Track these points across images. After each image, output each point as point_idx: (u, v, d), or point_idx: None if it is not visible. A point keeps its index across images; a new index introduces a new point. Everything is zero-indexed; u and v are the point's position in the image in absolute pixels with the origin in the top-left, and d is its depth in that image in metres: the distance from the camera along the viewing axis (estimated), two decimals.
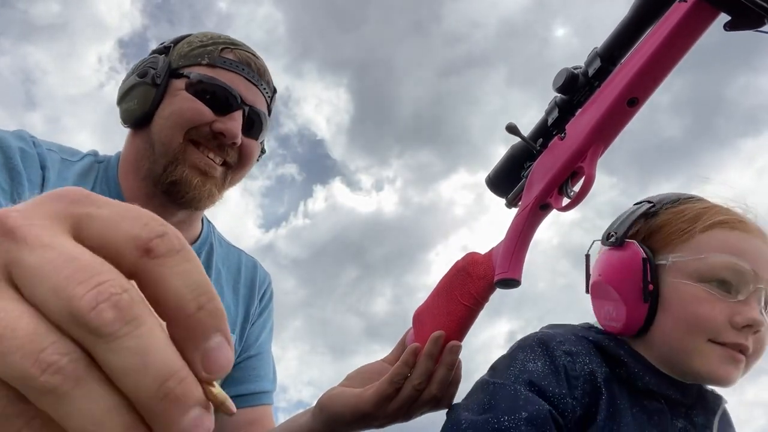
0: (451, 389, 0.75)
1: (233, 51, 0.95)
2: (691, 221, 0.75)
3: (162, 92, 0.92)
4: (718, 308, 0.71)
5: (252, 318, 1.05)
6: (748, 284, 0.71)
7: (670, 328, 0.73)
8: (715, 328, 0.71)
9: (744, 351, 0.71)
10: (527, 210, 0.69)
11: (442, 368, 0.72)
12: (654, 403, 0.73)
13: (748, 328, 0.70)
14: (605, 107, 0.58)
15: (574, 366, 0.72)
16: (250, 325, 1.04)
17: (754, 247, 0.73)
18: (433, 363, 0.72)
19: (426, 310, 0.79)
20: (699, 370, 0.72)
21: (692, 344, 0.72)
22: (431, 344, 0.72)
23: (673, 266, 0.74)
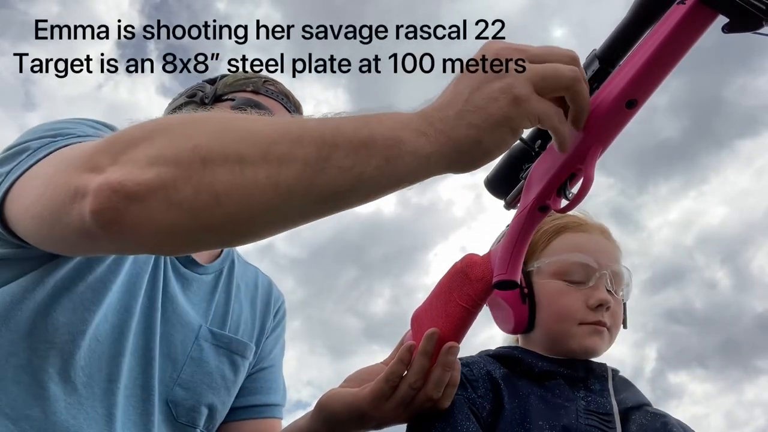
0: (448, 390, 0.75)
1: (275, 85, 1.06)
2: (544, 233, 0.95)
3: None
4: (575, 296, 0.89)
5: (266, 332, 1.06)
6: (594, 273, 0.90)
7: (546, 320, 0.91)
8: (576, 311, 0.89)
9: (604, 325, 0.90)
10: (525, 212, 0.69)
11: (438, 369, 0.73)
12: (552, 382, 0.88)
13: (601, 307, 0.89)
14: (604, 109, 0.58)
15: (471, 372, 0.86)
16: (265, 338, 1.06)
17: (594, 242, 0.93)
18: (429, 361, 0.72)
19: (424, 311, 0.79)
20: (574, 348, 0.89)
21: (565, 329, 0.90)
22: (425, 341, 0.72)
23: (538, 271, 0.92)
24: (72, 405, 0.74)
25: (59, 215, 0.54)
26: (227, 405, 0.95)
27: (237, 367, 0.95)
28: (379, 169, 0.50)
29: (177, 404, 0.86)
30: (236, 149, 0.48)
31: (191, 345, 0.89)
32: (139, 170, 0.48)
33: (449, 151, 0.51)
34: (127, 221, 0.48)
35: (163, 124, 0.52)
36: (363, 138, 0.49)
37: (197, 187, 0.47)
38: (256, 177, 0.48)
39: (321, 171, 0.48)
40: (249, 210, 0.49)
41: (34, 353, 0.72)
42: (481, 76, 0.52)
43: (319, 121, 0.51)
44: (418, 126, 0.51)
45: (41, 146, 0.66)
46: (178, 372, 0.86)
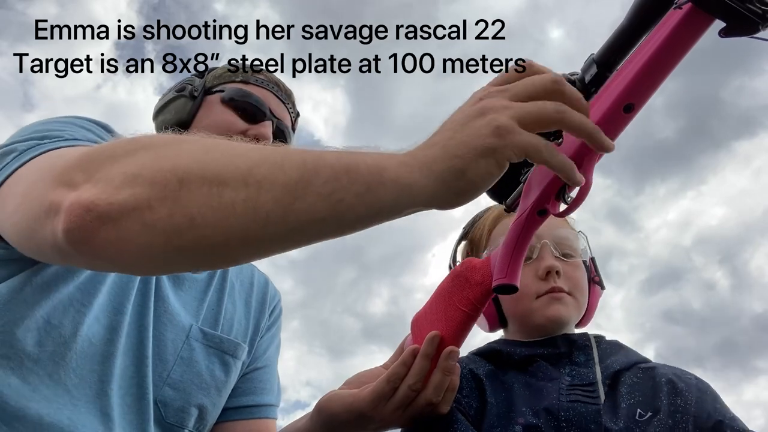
0: (447, 395, 0.75)
1: (264, 73, 1.05)
2: (481, 228, 1.01)
3: (198, 105, 1.01)
4: (525, 273, 0.88)
5: (261, 331, 1.06)
6: (535, 246, 0.93)
7: (506, 305, 0.96)
8: (528, 286, 0.91)
9: (560, 290, 0.91)
10: (524, 216, 0.69)
11: (438, 373, 0.73)
12: (534, 365, 0.89)
13: (549, 275, 0.91)
14: (602, 113, 0.59)
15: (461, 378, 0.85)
16: (259, 338, 1.05)
17: None
18: (429, 363, 0.73)
19: (424, 315, 0.80)
20: (541, 322, 0.91)
21: (524, 306, 0.93)
22: (427, 344, 0.73)
23: None
24: (65, 406, 0.74)
25: (35, 228, 0.54)
26: (218, 406, 0.95)
27: (228, 368, 0.94)
28: (360, 197, 0.48)
29: (166, 404, 0.86)
30: (216, 171, 0.47)
31: (181, 345, 0.88)
32: (113, 189, 0.47)
33: (432, 183, 0.50)
34: (98, 241, 0.48)
35: (144, 142, 0.51)
36: (345, 164, 0.49)
37: (172, 209, 0.47)
38: (233, 200, 0.47)
39: (300, 197, 0.47)
40: (224, 234, 0.48)
41: (26, 355, 0.72)
42: (465, 116, 0.52)
43: (304, 149, 0.51)
44: (403, 158, 0.51)
45: (28, 149, 0.66)
46: (167, 372, 0.86)
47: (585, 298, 0.97)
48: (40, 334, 0.73)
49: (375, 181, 0.48)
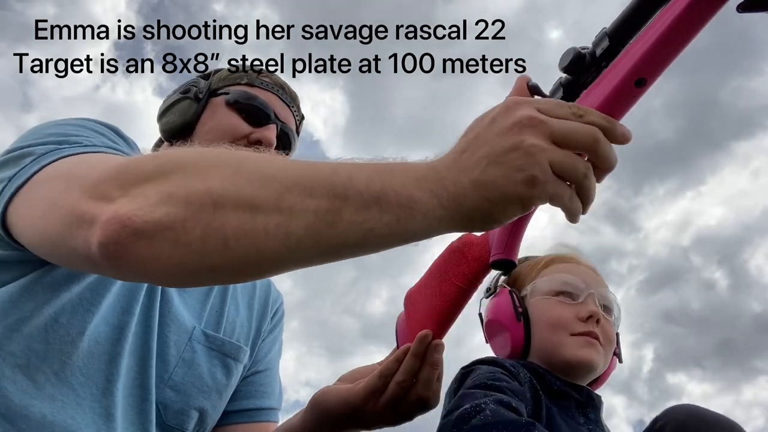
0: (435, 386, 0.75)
1: (269, 76, 1.05)
2: (535, 264, 1.06)
3: (203, 106, 1.00)
4: (567, 310, 0.98)
5: (263, 334, 1.05)
6: (583, 291, 0.99)
7: (540, 335, 0.98)
8: (568, 322, 0.96)
9: (597, 338, 0.96)
10: None
11: (426, 367, 0.73)
12: (565, 401, 0.94)
13: (591, 319, 0.96)
14: (612, 87, 0.57)
15: (519, 375, 0.91)
16: (261, 341, 1.05)
17: (581, 270, 1.04)
18: (418, 362, 0.73)
19: (418, 290, 0.79)
20: (569, 359, 0.95)
21: (558, 339, 0.97)
22: (417, 344, 0.72)
23: (532, 292, 1.02)
24: (69, 405, 0.73)
25: (64, 238, 0.54)
26: (219, 409, 0.94)
27: (230, 371, 0.94)
28: (389, 227, 0.49)
29: (166, 406, 0.85)
30: (249, 195, 0.48)
31: (184, 346, 0.88)
32: (150, 207, 0.48)
33: (459, 217, 0.51)
34: (132, 256, 0.49)
35: (175, 159, 0.52)
36: (375, 193, 0.49)
37: (206, 230, 0.48)
38: (266, 225, 0.48)
39: (331, 224, 0.48)
40: (257, 256, 0.49)
41: (33, 353, 0.72)
42: (501, 144, 0.50)
43: (332, 170, 0.50)
44: (432, 186, 0.50)
45: (46, 152, 0.66)
46: (169, 373, 0.86)
47: (611, 355, 1.02)
48: (48, 332, 0.73)
49: (405, 214, 0.49)
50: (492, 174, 0.49)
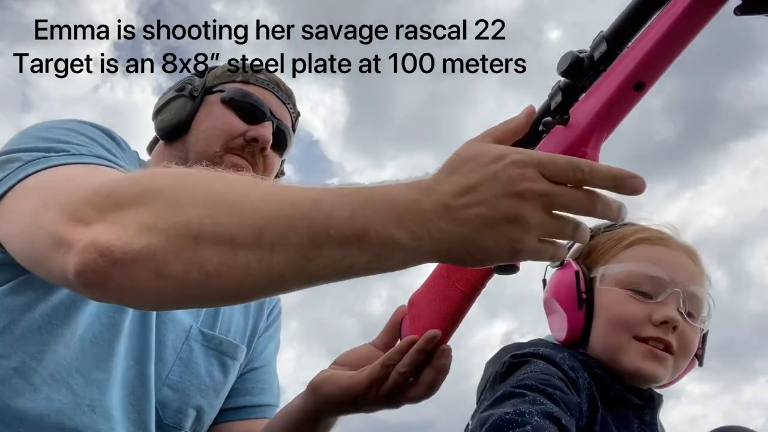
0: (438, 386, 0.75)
1: (264, 73, 1.04)
2: (618, 240, 0.87)
3: (198, 104, 0.99)
4: (638, 308, 0.81)
5: (259, 332, 1.05)
6: (665, 288, 0.81)
7: (600, 330, 0.83)
8: (635, 324, 0.80)
9: (668, 348, 0.80)
10: None
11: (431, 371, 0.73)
12: (621, 408, 0.81)
13: (666, 325, 0.79)
14: (611, 91, 0.57)
15: (577, 380, 0.78)
16: (257, 338, 1.04)
17: (672, 258, 0.84)
18: (422, 358, 0.72)
19: (422, 295, 0.78)
20: (627, 367, 0.80)
21: (618, 341, 0.81)
22: (425, 342, 0.72)
23: (602, 277, 0.84)
24: (67, 406, 0.73)
25: (43, 258, 0.55)
26: (216, 407, 0.94)
27: (227, 369, 0.94)
28: (369, 263, 0.51)
29: (164, 405, 0.85)
30: (229, 230, 0.48)
31: (181, 345, 0.88)
32: (129, 237, 0.48)
33: (438, 258, 0.53)
34: (111, 284, 0.49)
35: (155, 186, 0.51)
36: (356, 231, 0.49)
37: (188, 265, 0.48)
38: (248, 261, 0.48)
39: (312, 260, 0.49)
40: (239, 289, 0.50)
41: (27, 355, 0.72)
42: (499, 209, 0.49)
43: (313, 202, 0.50)
44: (414, 228, 0.50)
45: (33, 160, 0.65)
46: (166, 372, 0.86)
47: (684, 366, 0.86)
48: (42, 334, 0.72)
49: (385, 252, 0.50)
50: (482, 237, 0.50)
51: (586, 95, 0.62)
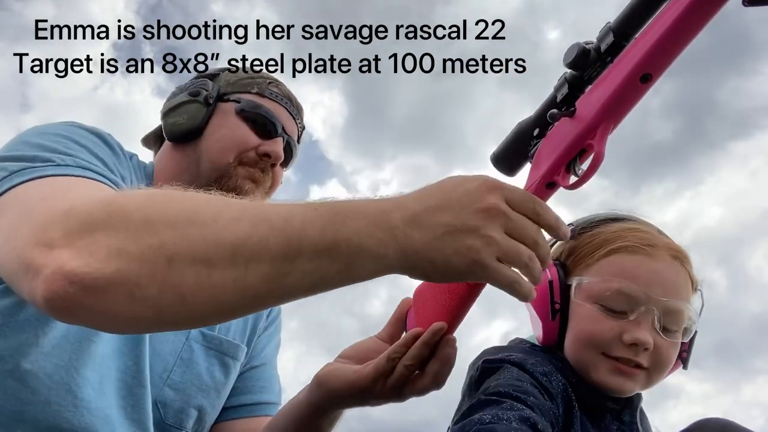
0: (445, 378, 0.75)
1: (278, 86, 1.05)
2: (597, 246, 0.83)
3: (211, 112, 0.99)
4: (609, 326, 0.78)
5: (258, 332, 1.05)
6: (639, 306, 0.77)
7: (572, 344, 0.82)
8: (604, 343, 0.78)
9: (639, 365, 0.78)
10: (533, 188, 0.67)
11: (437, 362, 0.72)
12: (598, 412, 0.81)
13: (635, 346, 0.77)
14: (617, 83, 0.57)
15: (551, 384, 0.78)
16: (256, 338, 1.04)
17: (651, 270, 0.79)
18: (427, 351, 0.72)
19: (428, 288, 0.78)
20: (596, 382, 0.79)
21: (587, 357, 0.80)
22: (430, 334, 0.72)
23: (577, 288, 0.81)
24: (66, 408, 0.73)
25: (13, 280, 0.54)
26: (217, 407, 0.94)
27: (228, 369, 0.94)
28: (340, 273, 0.53)
29: (166, 405, 0.85)
30: (203, 250, 0.48)
31: (182, 346, 0.88)
32: (98, 263, 0.47)
33: (402, 267, 0.55)
34: (82, 311, 0.48)
35: (124, 209, 0.50)
36: (327, 243, 0.51)
37: (162, 287, 0.47)
38: (223, 280, 0.49)
39: (286, 275, 0.50)
40: (215, 308, 0.50)
41: (22, 357, 0.71)
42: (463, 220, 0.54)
43: (285, 219, 0.51)
44: (382, 236, 0.53)
45: (18, 170, 0.65)
46: (168, 372, 0.86)
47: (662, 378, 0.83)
48: (38, 336, 0.72)
49: (354, 261, 0.52)
50: (444, 243, 0.53)
51: (593, 87, 0.61)
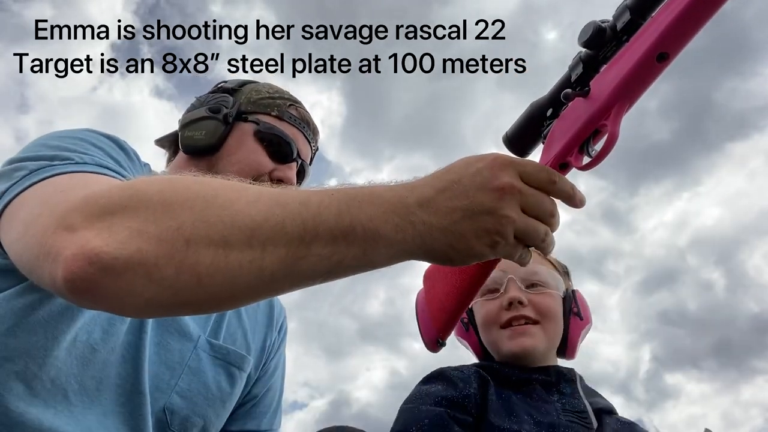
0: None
1: (297, 109, 1.07)
2: None
3: (229, 130, 1.01)
4: (492, 304, 1.02)
5: (268, 350, 1.05)
6: (503, 278, 1.02)
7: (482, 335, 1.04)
8: (494, 316, 1.01)
9: (528, 319, 0.99)
10: None
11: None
12: (530, 387, 0.95)
13: (513, 305, 0.99)
14: (633, 62, 0.56)
15: (462, 373, 0.96)
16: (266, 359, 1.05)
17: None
18: None
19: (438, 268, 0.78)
20: (506, 353, 0.99)
21: (492, 336, 1.02)
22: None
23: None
24: (63, 412, 0.73)
25: (34, 266, 0.54)
26: (222, 418, 0.94)
27: (234, 380, 0.94)
28: (356, 259, 0.53)
29: (173, 412, 0.85)
30: (220, 232, 0.49)
31: (189, 354, 0.88)
32: (118, 243, 0.47)
33: (421, 252, 0.55)
34: (101, 291, 0.48)
35: (144, 192, 0.51)
36: (344, 227, 0.52)
37: (180, 268, 0.48)
38: (240, 262, 0.49)
39: (302, 258, 0.51)
40: (231, 290, 0.50)
41: (31, 359, 0.72)
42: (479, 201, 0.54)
43: (302, 203, 0.52)
44: (399, 221, 0.53)
45: (38, 168, 0.66)
46: (175, 380, 0.86)
47: (557, 326, 1.02)
48: (47, 339, 0.72)
49: (371, 247, 0.53)
50: (463, 228, 0.54)
51: (608, 66, 0.61)
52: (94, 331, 0.76)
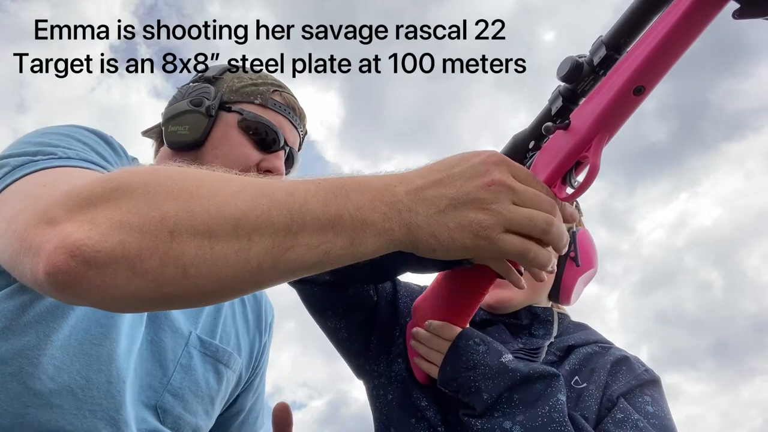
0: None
1: (281, 94, 1.03)
2: None
3: (213, 122, 0.98)
4: None
5: (258, 351, 1.05)
6: None
7: None
8: None
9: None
10: None
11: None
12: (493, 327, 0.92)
13: None
14: (611, 96, 0.58)
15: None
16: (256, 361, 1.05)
17: None
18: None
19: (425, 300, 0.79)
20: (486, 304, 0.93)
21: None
22: None
23: None
24: (68, 411, 0.73)
25: (15, 263, 0.53)
26: (211, 416, 0.94)
27: (221, 377, 0.94)
28: (344, 248, 0.52)
29: (165, 411, 0.85)
30: (205, 223, 0.48)
31: (181, 351, 0.88)
32: (100, 235, 0.46)
33: (407, 242, 0.54)
34: (83, 285, 0.47)
35: (127, 183, 0.50)
36: (330, 217, 0.51)
37: (164, 259, 0.47)
38: (226, 252, 0.48)
39: (289, 248, 0.50)
40: (217, 282, 0.49)
41: (25, 359, 0.71)
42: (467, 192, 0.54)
43: (288, 192, 0.51)
44: (386, 210, 0.53)
45: (20, 165, 0.65)
46: (168, 378, 0.85)
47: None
48: (39, 338, 0.72)
49: (358, 236, 0.52)
50: (446, 218, 0.53)
51: (587, 100, 0.63)
52: (91, 328, 0.76)
